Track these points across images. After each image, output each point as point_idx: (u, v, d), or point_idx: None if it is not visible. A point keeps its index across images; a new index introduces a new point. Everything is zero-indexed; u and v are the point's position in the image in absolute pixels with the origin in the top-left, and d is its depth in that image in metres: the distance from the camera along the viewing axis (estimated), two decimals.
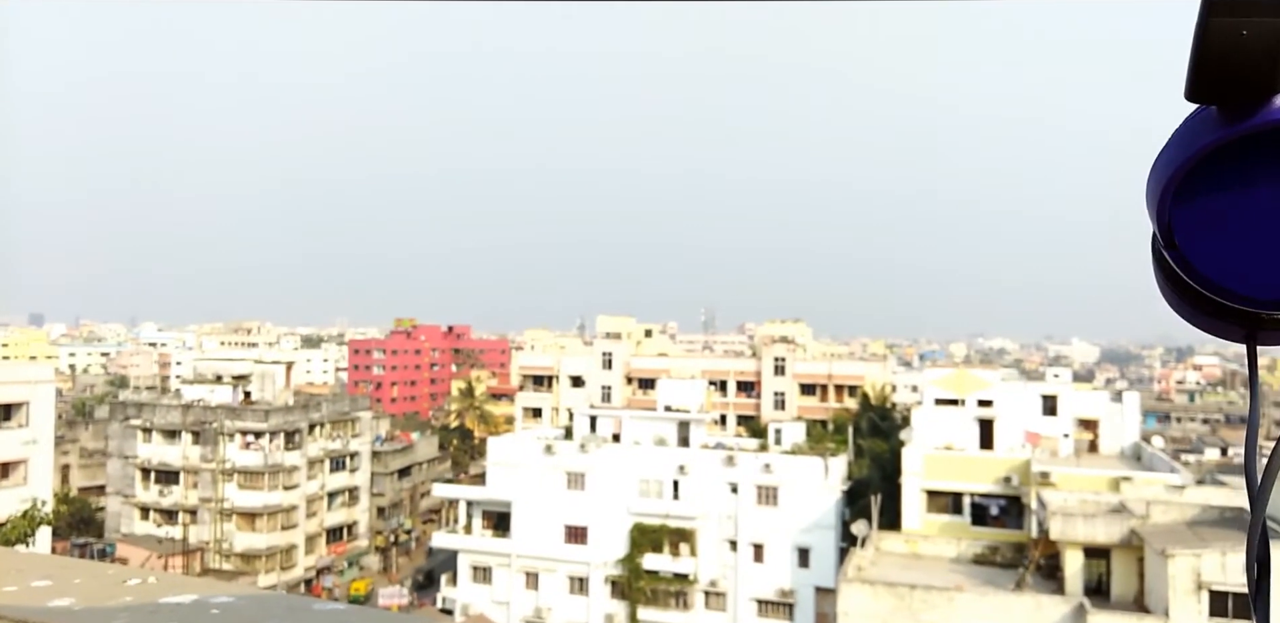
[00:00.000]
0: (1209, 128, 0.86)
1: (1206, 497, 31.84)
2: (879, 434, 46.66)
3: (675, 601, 41.94)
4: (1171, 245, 0.91)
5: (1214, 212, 0.88)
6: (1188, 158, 0.87)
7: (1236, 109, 0.84)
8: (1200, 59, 0.81)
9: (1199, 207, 0.88)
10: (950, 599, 26.72)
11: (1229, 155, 0.86)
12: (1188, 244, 0.90)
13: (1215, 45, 0.80)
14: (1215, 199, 0.88)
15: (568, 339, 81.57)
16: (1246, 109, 0.84)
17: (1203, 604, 24.39)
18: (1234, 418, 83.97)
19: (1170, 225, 0.90)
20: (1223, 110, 0.86)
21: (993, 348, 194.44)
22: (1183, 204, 0.89)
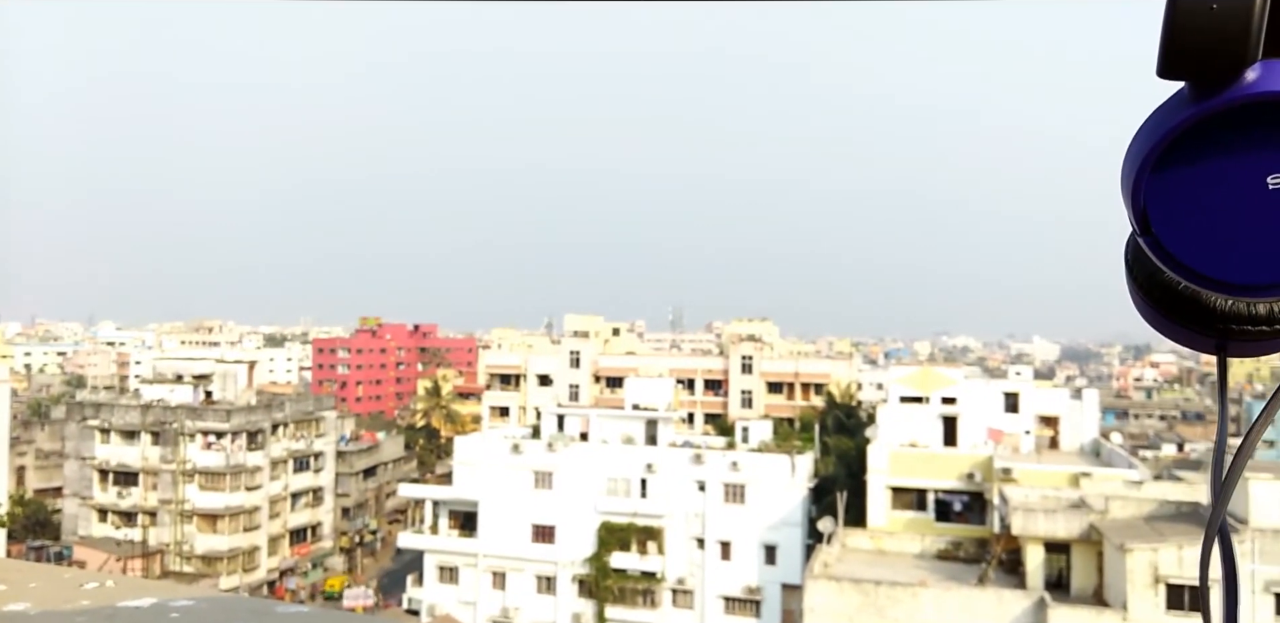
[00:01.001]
0: (1181, 107, 0.84)
1: (1164, 492, 32.51)
2: (845, 432, 47.07)
3: (643, 599, 42.01)
4: (1147, 231, 0.89)
5: (1189, 194, 0.86)
6: (1161, 138, 0.85)
7: (1208, 85, 0.82)
8: (1170, 34, 0.79)
9: (1174, 189, 0.86)
10: (915, 595, 27.04)
11: (1202, 135, 0.84)
12: (1163, 229, 0.87)
13: (1185, 20, 0.79)
14: (1190, 181, 0.85)
15: (535, 338, 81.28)
16: (1218, 85, 0.82)
17: (1160, 597, 24.91)
18: (1190, 415, 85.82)
19: (1145, 210, 0.88)
20: (1194, 87, 0.84)
21: (956, 346, 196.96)
22: (1157, 187, 0.87)
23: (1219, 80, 0.82)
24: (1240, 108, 0.82)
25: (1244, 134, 0.83)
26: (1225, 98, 0.82)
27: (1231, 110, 0.82)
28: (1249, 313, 0.95)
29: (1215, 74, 0.81)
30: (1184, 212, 0.86)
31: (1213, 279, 0.87)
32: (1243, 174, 0.84)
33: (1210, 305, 0.96)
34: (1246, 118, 0.82)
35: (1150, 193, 0.87)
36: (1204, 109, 0.83)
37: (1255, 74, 0.81)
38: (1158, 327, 1.02)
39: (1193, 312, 0.97)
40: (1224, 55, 0.79)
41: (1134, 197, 0.88)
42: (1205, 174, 0.85)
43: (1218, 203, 0.85)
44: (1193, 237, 0.86)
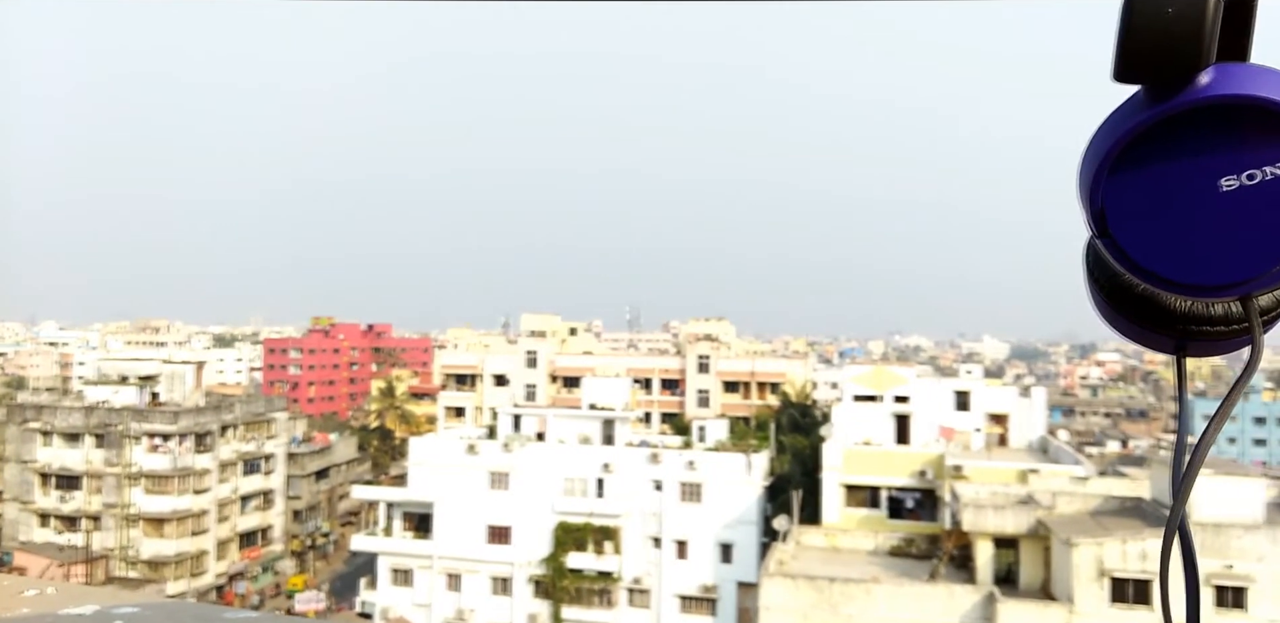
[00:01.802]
0: (1136, 110, 0.85)
1: (1108, 487, 33.30)
2: (800, 430, 47.49)
3: (599, 599, 41.97)
4: (1105, 233, 0.89)
5: (1145, 196, 0.86)
6: (1117, 141, 0.86)
7: (1163, 88, 0.83)
8: (1125, 38, 0.80)
9: (1130, 192, 0.87)
10: (868, 591, 27.37)
11: (1158, 138, 0.85)
12: (1121, 231, 0.88)
13: (1140, 23, 0.79)
14: (1146, 183, 0.86)
15: (492, 338, 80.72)
16: (1172, 88, 0.83)
17: (1104, 591, 25.52)
18: (1134, 412, 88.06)
19: (1103, 212, 0.88)
20: (1150, 90, 0.84)
21: (909, 345, 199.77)
22: (1114, 189, 0.87)
23: (1173, 84, 0.82)
24: (1194, 111, 0.83)
25: (1198, 137, 0.84)
26: (1179, 101, 0.82)
27: (1185, 113, 0.83)
28: (1206, 314, 0.97)
29: (1169, 78, 0.82)
30: (1140, 214, 0.87)
31: (1170, 280, 0.88)
32: (1197, 176, 0.84)
33: (1168, 307, 0.98)
34: (1200, 121, 0.83)
35: (1107, 195, 0.88)
36: (1159, 112, 0.83)
37: (1209, 78, 0.82)
38: (1117, 328, 1.04)
39: (1151, 313, 0.99)
40: (1178, 59, 0.80)
41: (1091, 199, 0.88)
42: (1161, 176, 0.85)
43: (1173, 205, 0.86)
44: (1149, 238, 0.87)
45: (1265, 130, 0.82)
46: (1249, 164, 0.83)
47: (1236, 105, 0.82)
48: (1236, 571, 24.87)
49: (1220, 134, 0.83)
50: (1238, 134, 0.83)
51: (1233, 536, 25.06)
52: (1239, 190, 0.83)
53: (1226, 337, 0.97)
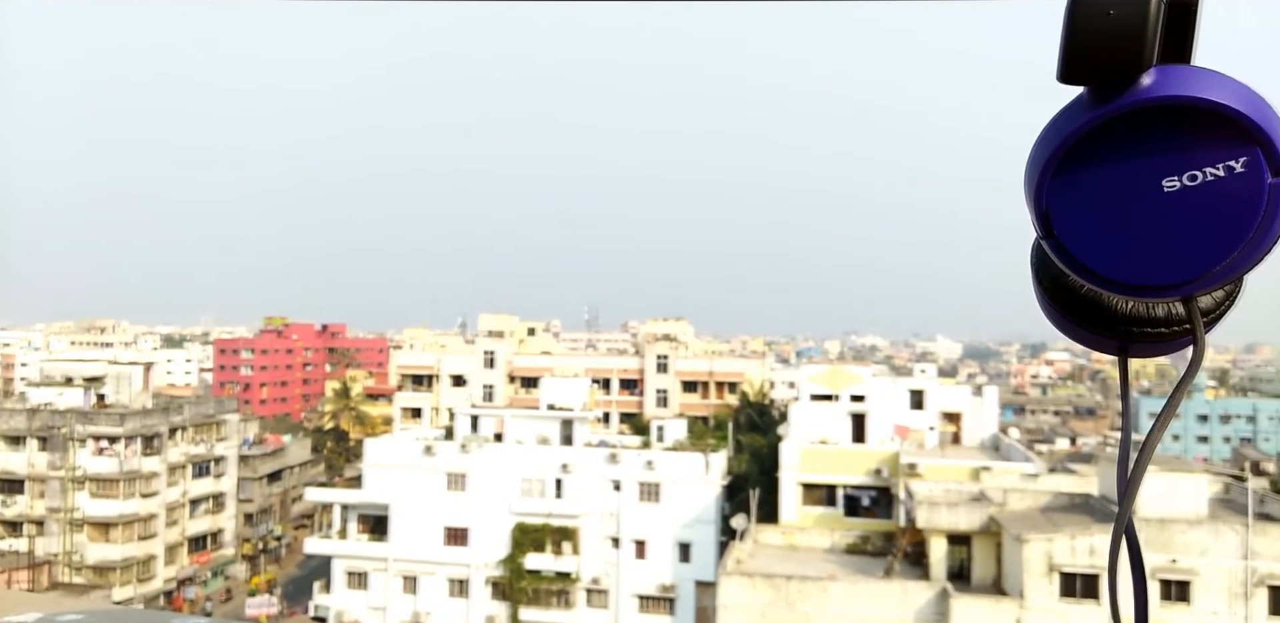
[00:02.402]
0: (1080, 111, 0.86)
1: (1058, 484, 33.97)
2: (758, 430, 47.77)
3: (557, 600, 41.84)
4: (1050, 234, 0.90)
5: (1089, 197, 0.87)
6: (1061, 142, 0.87)
7: (1106, 90, 0.84)
8: (1069, 40, 0.81)
9: (1075, 193, 0.88)
10: (824, 589, 27.63)
11: (1101, 139, 0.86)
12: (1065, 232, 0.89)
13: (1083, 25, 0.80)
14: (1090, 184, 0.87)
15: (449, 338, 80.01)
16: (1115, 90, 0.84)
17: (1054, 585, 26.03)
18: (1082, 410, 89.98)
19: (1048, 213, 0.89)
20: (1093, 91, 0.85)
21: (865, 345, 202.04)
22: (1059, 191, 0.88)
23: (1116, 85, 0.84)
24: (1136, 112, 0.84)
25: (1140, 138, 0.85)
26: (1122, 102, 0.84)
27: (1128, 114, 0.84)
28: (1148, 315, 0.98)
29: (1112, 79, 0.83)
30: (1085, 214, 0.88)
31: (1113, 281, 0.89)
32: (1140, 177, 0.85)
33: (1112, 308, 1.00)
34: (1142, 122, 0.84)
35: (1052, 196, 0.88)
36: (1102, 113, 0.84)
37: (1151, 79, 0.83)
38: (1062, 329, 1.06)
39: (1095, 314, 1.00)
40: (1120, 61, 0.81)
41: (1036, 200, 0.89)
42: (1104, 177, 0.87)
43: (1117, 206, 0.87)
44: (1093, 239, 0.88)
45: (1205, 132, 0.83)
46: (1190, 165, 0.84)
47: (1177, 107, 0.83)
48: (1181, 565, 25.53)
49: (1162, 135, 0.84)
50: (1179, 135, 0.84)
51: (1177, 531, 25.72)
52: (1180, 191, 0.84)
53: (1169, 337, 0.99)
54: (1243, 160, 0.83)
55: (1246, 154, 0.83)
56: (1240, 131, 0.83)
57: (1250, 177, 0.83)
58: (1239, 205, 0.83)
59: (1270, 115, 0.83)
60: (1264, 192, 0.83)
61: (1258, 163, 0.83)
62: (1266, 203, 0.83)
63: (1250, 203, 0.83)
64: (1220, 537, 25.73)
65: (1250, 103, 0.83)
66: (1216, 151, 0.83)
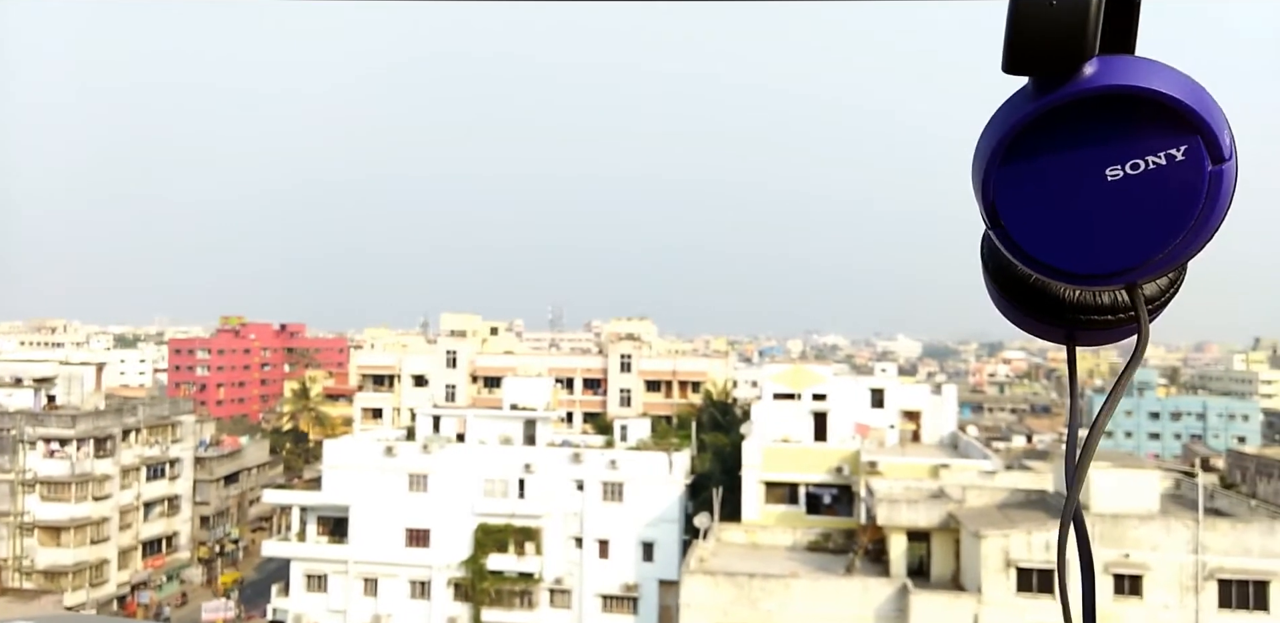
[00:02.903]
0: (1025, 102, 0.87)
1: (1014, 481, 34.52)
2: (721, 429, 47.95)
3: (520, 600, 41.66)
4: (997, 225, 0.92)
5: (1035, 187, 0.88)
6: (1006, 133, 0.88)
7: (1049, 81, 0.85)
8: (1013, 31, 0.82)
9: (1021, 183, 0.89)
10: (786, 586, 27.81)
11: (1046, 129, 0.87)
12: (1012, 222, 0.90)
13: (1026, 16, 0.81)
14: (1036, 174, 0.88)
15: (410, 338, 79.26)
16: (1058, 80, 0.85)
17: (1011, 580, 26.45)
18: (1038, 408, 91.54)
19: (995, 204, 0.90)
20: (1037, 82, 0.87)
21: (826, 344, 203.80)
22: (1005, 182, 0.89)
23: (1059, 76, 0.85)
24: (1079, 102, 0.85)
25: (1084, 128, 0.86)
26: (1065, 92, 0.85)
27: (1071, 105, 0.85)
28: (1094, 303, 1.00)
29: (1055, 69, 0.84)
30: (1031, 205, 0.89)
31: (1059, 270, 0.90)
32: (1084, 167, 0.87)
33: (1059, 297, 1.01)
34: (1085, 112, 0.86)
35: (999, 187, 0.90)
36: (1045, 104, 0.86)
37: (1093, 69, 0.85)
38: (1012, 319, 1.07)
39: (1043, 303, 1.02)
40: (1063, 51, 0.82)
41: (984, 191, 0.91)
42: (1050, 167, 0.88)
43: (1062, 195, 0.88)
44: (1040, 229, 0.89)
45: (1146, 121, 0.85)
46: (1132, 154, 0.85)
47: (1118, 96, 0.84)
48: (1133, 559, 26.07)
49: (1104, 125, 0.85)
50: (1121, 124, 0.85)
51: (1129, 526, 26.26)
52: (1124, 180, 0.86)
53: (1114, 325, 1.01)
54: (1183, 149, 0.84)
55: (1187, 142, 0.84)
56: (1180, 120, 0.84)
57: (1190, 165, 0.84)
58: (1180, 193, 0.85)
59: (1209, 104, 0.85)
60: (1204, 179, 0.84)
61: (1198, 151, 0.84)
62: (1206, 191, 0.85)
63: (1191, 191, 0.85)
64: (1171, 532, 26.32)
65: (1190, 92, 0.84)
66: (1157, 140, 0.85)
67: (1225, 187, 0.85)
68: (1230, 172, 0.85)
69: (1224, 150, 0.85)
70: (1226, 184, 0.85)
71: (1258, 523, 26.76)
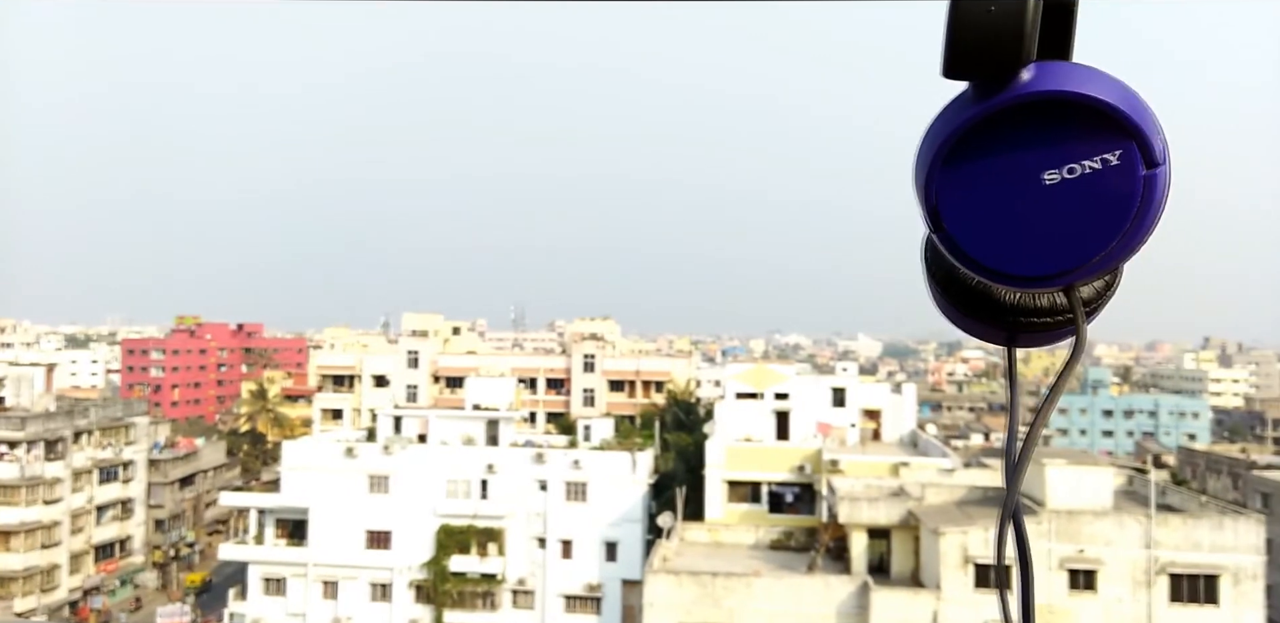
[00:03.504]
0: (964, 106, 0.89)
1: (972, 478, 35.03)
2: (684, 428, 48.07)
3: (482, 601, 41.42)
4: (939, 228, 0.93)
5: (976, 191, 0.90)
6: (947, 137, 0.89)
7: (987, 85, 0.87)
8: (952, 36, 0.83)
9: (962, 187, 0.90)
10: (749, 584, 27.94)
11: (985, 134, 0.88)
12: (955, 226, 0.92)
13: (965, 22, 0.82)
14: (976, 178, 0.89)
15: (371, 338, 78.38)
16: (996, 85, 0.86)
17: (969, 577, 26.83)
18: (995, 406, 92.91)
19: (937, 208, 0.92)
20: (976, 87, 0.88)
21: (789, 344, 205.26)
22: (947, 185, 0.91)
23: (997, 80, 0.86)
24: (1016, 107, 0.87)
25: (1022, 132, 0.87)
26: (1003, 97, 0.86)
27: (1009, 109, 0.87)
28: (1033, 305, 1.02)
29: (993, 74, 0.86)
30: (972, 208, 0.90)
31: (1001, 273, 0.92)
32: (1022, 170, 0.88)
33: (999, 299, 1.03)
34: (1023, 116, 0.87)
35: (940, 191, 0.91)
36: (984, 109, 0.87)
37: (1030, 74, 0.86)
38: (955, 321, 1.10)
39: (984, 306, 1.04)
40: (1000, 56, 0.84)
41: (925, 195, 0.92)
42: (989, 171, 0.89)
43: (1002, 199, 0.89)
44: (981, 232, 0.91)
45: (1082, 126, 0.86)
46: (1068, 158, 0.87)
47: (1055, 101, 0.85)
48: (1087, 554, 26.58)
49: (1042, 129, 0.87)
50: (1058, 129, 0.87)
51: (1084, 522, 26.77)
52: (1061, 184, 0.87)
53: (1053, 327, 1.03)
54: (1118, 153, 0.86)
55: (1121, 147, 0.86)
56: (1115, 125, 0.86)
57: (1125, 169, 0.86)
58: (1115, 197, 0.87)
59: (1143, 110, 0.86)
60: (1138, 184, 0.86)
61: (1132, 156, 0.86)
62: (1141, 195, 0.87)
63: (1125, 195, 0.87)
64: (1124, 527, 26.87)
65: (1124, 97, 0.86)
66: (1093, 145, 0.86)
67: (1159, 191, 0.87)
68: (1163, 176, 0.87)
69: (1157, 155, 0.86)
70: (1160, 188, 0.87)
71: (1207, 518, 27.42)
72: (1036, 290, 1.00)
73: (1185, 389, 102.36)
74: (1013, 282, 0.93)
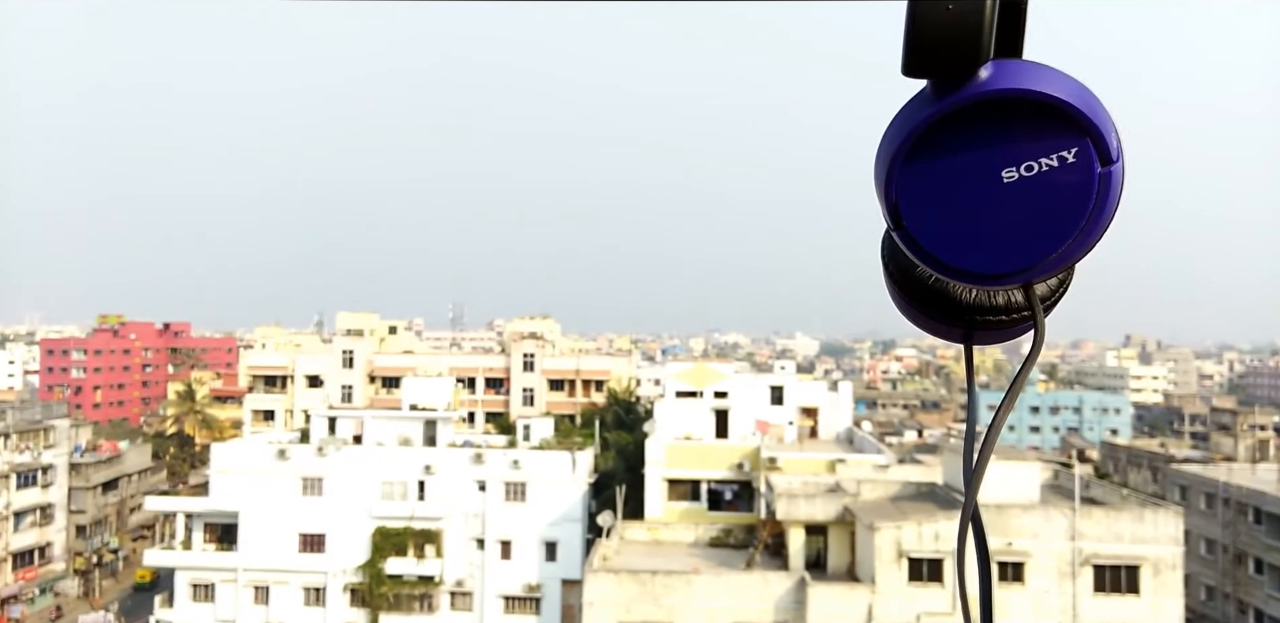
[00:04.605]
0: (924, 104, 0.89)
1: (906, 474, 35.72)
2: (624, 427, 48.08)
3: (420, 604, 40.88)
4: (899, 226, 0.93)
5: (936, 189, 0.90)
6: (907, 135, 0.89)
7: (946, 83, 0.87)
8: (911, 35, 0.84)
9: (922, 185, 0.90)
10: (688, 582, 28.07)
11: (944, 132, 0.89)
12: (915, 224, 0.92)
13: (924, 20, 0.83)
14: (936, 176, 0.90)
15: (304, 337, 76.70)
16: (955, 83, 0.87)
17: (903, 570, 27.35)
18: (928, 404, 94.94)
19: (897, 205, 0.92)
20: (935, 86, 0.88)
21: (728, 342, 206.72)
22: (907, 183, 0.91)
23: (956, 78, 0.87)
24: (975, 105, 0.87)
25: (980, 130, 0.88)
26: (961, 95, 0.87)
27: (967, 107, 0.87)
28: (990, 302, 1.03)
29: (952, 72, 0.86)
30: (932, 206, 0.91)
31: (960, 270, 0.92)
32: (980, 168, 0.89)
33: (957, 296, 1.04)
34: (981, 114, 0.88)
35: (901, 188, 0.91)
36: (943, 107, 0.88)
37: (987, 73, 0.87)
38: (912, 319, 1.09)
39: (942, 303, 1.04)
40: (959, 55, 0.84)
41: (886, 192, 0.92)
42: (949, 169, 0.90)
43: (961, 197, 0.90)
44: (940, 230, 0.91)
45: (1039, 124, 0.87)
46: (1026, 156, 0.88)
47: (1013, 99, 0.86)
48: (1016, 547, 27.30)
49: (1000, 127, 0.88)
50: (1015, 127, 0.87)
51: (1012, 515, 27.49)
52: (1019, 182, 0.88)
53: (1010, 324, 1.03)
54: (1074, 151, 0.87)
55: (1077, 145, 0.87)
56: (1071, 123, 0.86)
57: (1081, 167, 0.87)
58: (1071, 195, 0.87)
59: (1098, 108, 0.87)
60: (1094, 181, 0.87)
61: (1088, 153, 0.87)
62: (1096, 192, 0.87)
63: (1081, 192, 0.87)
64: (1050, 520, 27.67)
65: (1080, 96, 0.86)
66: (1050, 143, 0.87)
67: (1114, 188, 0.88)
68: (1118, 173, 0.88)
69: (1112, 152, 0.87)
70: (1115, 186, 0.88)
71: (1129, 511, 28.40)
72: (995, 288, 0.99)
73: (1108, 386, 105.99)
74: (971, 279, 0.93)
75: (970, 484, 0.98)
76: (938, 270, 0.94)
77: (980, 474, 0.98)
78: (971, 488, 0.97)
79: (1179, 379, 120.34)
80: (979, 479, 0.98)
